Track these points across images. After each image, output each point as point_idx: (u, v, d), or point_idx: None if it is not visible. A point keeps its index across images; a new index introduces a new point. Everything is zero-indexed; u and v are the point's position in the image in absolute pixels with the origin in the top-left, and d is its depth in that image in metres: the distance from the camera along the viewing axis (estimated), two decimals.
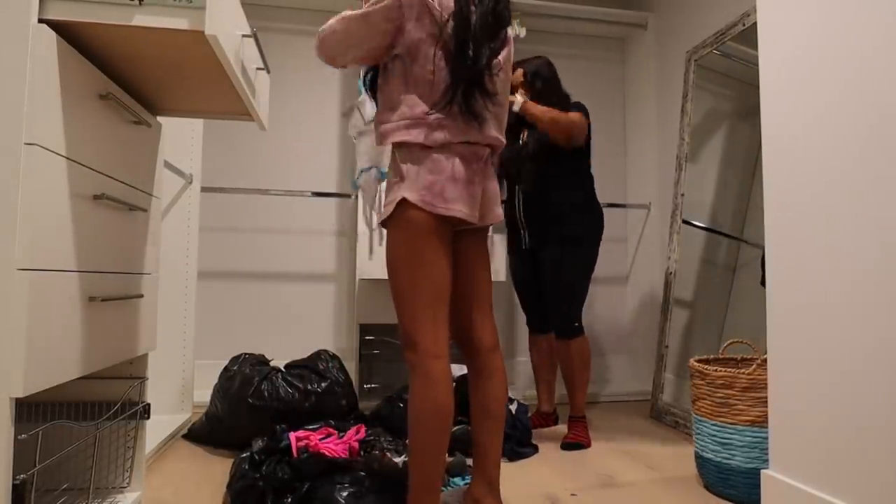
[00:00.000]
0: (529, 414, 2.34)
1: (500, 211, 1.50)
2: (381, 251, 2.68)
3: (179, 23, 1.11)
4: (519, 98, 2.25)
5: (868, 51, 1.29)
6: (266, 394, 2.03)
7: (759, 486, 1.54)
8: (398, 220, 1.36)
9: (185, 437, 2.23)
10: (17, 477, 1.00)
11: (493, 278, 2.67)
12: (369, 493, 1.49)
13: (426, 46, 1.37)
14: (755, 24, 1.65)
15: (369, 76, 1.57)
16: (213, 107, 1.65)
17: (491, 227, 2.69)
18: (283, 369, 2.16)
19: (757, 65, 1.61)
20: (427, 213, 1.34)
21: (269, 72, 1.63)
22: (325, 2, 3.11)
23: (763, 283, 1.58)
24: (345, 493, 1.47)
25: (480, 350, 1.49)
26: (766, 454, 1.57)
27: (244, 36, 1.35)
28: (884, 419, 1.22)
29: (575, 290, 2.32)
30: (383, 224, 1.42)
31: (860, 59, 1.30)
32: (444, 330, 1.37)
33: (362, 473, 1.55)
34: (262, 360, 2.23)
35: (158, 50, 1.24)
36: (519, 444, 2.11)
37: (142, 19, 1.10)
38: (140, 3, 1.10)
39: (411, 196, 1.34)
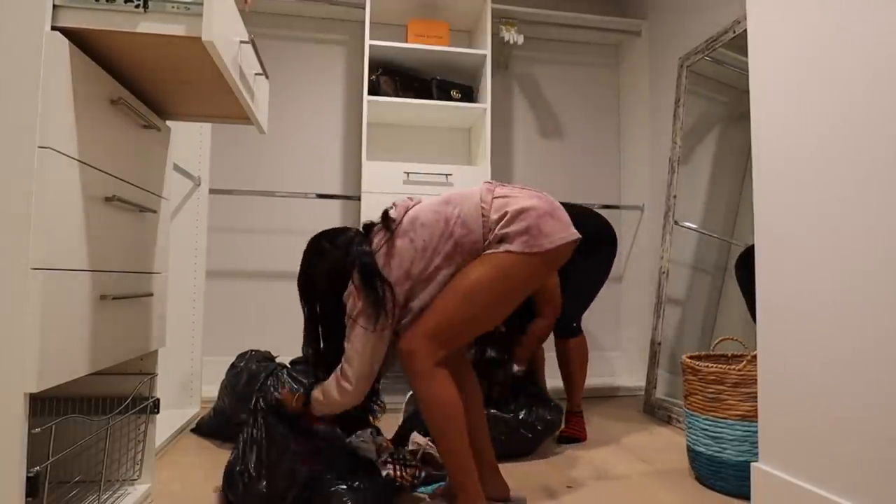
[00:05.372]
0: None
1: None
2: None
3: (178, 29, 1.13)
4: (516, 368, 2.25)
5: (856, 56, 1.31)
6: (272, 389, 2.06)
7: (749, 478, 1.57)
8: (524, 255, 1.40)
9: (193, 430, 2.27)
10: (32, 469, 1.02)
11: None
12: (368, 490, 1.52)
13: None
14: (745, 31, 1.68)
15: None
16: (217, 111, 1.67)
17: None
18: (289, 365, 2.17)
19: (747, 71, 1.64)
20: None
21: (267, 77, 1.66)
22: (324, 9, 3.15)
23: (737, 277, 1.60)
24: (344, 489, 1.49)
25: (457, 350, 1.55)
26: (756, 447, 1.59)
27: (242, 42, 1.36)
28: (870, 413, 1.25)
29: (578, 295, 2.36)
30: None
31: (848, 65, 1.33)
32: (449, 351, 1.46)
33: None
34: (267, 357, 2.26)
35: (163, 56, 1.26)
36: None
37: (145, 26, 1.11)
38: (145, 11, 1.11)
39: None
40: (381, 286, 1.42)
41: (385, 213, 1.52)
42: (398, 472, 1.66)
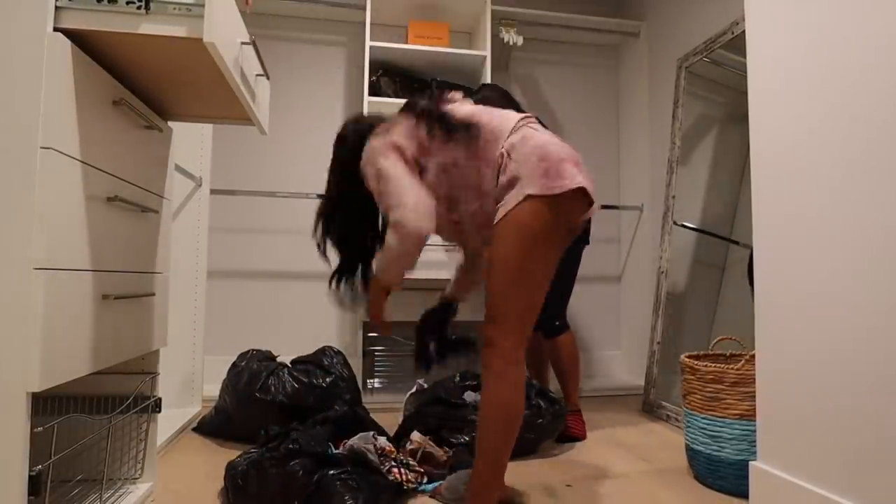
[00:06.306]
0: None
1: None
2: None
3: (179, 31, 1.13)
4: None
5: (854, 56, 1.32)
6: (273, 388, 2.07)
7: (747, 476, 1.58)
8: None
9: (194, 429, 2.27)
10: (34, 468, 1.03)
11: None
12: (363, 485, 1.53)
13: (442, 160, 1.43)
14: (744, 32, 1.69)
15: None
16: (218, 112, 1.68)
17: None
18: (290, 365, 2.20)
19: (745, 72, 1.64)
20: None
21: (268, 78, 1.66)
22: (324, 10, 3.17)
23: (749, 277, 1.62)
24: (339, 484, 1.49)
25: None
26: (754, 446, 1.60)
27: (243, 43, 1.36)
28: (868, 412, 1.26)
29: (562, 291, 2.36)
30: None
31: (845, 66, 1.34)
32: (527, 334, 1.38)
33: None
34: (268, 356, 2.27)
35: (165, 57, 1.26)
36: None
37: (147, 28, 1.12)
38: (146, 12, 1.12)
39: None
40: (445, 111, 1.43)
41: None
42: (400, 475, 1.67)
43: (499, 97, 2.34)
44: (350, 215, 1.56)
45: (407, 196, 1.36)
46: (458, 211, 1.43)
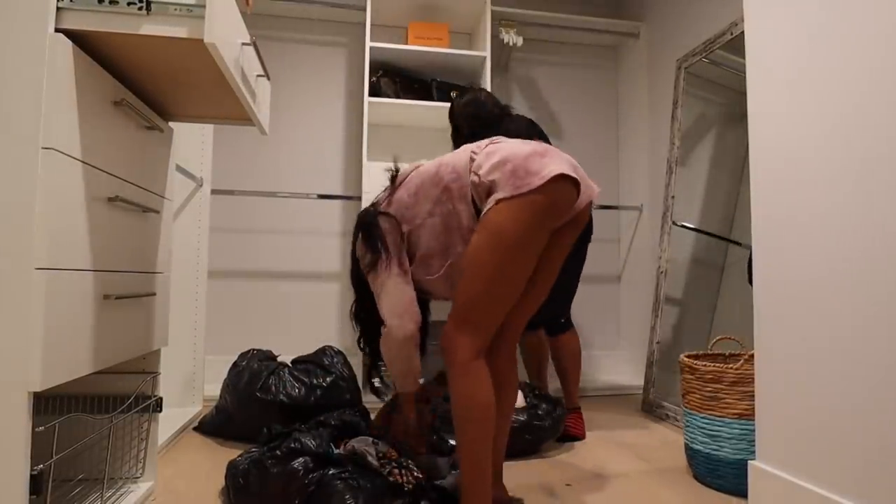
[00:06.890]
0: None
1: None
2: None
3: (180, 31, 1.13)
4: None
5: (853, 57, 1.33)
6: (273, 388, 2.07)
7: (746, 476, 1.58)
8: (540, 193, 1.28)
9: (195, 429, 2.28)
10: (35, 467, 1.03)
11: None
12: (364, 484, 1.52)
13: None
14: (743, 32, 1.69)
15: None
16: (218, 112, 1.68)
17: None
18: (290, 364, 2.20)
19: (744, 72, 1.65)
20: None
21: (268, 78, 1.66)
22: (325, 11, 3.17)
23: (750, 281, 1.63)
24: (340, 483, 1.49)
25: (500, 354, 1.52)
26: (753, 446, 1.61)
27: (244, 44, 1.37)
28: (866, 411, 1.26)
29: (566, 290, 2.36)
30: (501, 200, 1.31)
31: (845, 65, 1.34)
32: (491, 333, 1.36)
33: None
34: (269, 356, 2.28)
35: (166, 57, 1.27)
36: None
37: (148, 28, 1.12)
38: (147, 13, 1.12)
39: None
40: (374, 230, 1.50)
41: (394, 169, 1.59)
42: (401, 476, 1.67)
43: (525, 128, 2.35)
44: (363, 298, 1.65)
45: (384, 300, 1.48)
46: (452, 255, 1.46)
